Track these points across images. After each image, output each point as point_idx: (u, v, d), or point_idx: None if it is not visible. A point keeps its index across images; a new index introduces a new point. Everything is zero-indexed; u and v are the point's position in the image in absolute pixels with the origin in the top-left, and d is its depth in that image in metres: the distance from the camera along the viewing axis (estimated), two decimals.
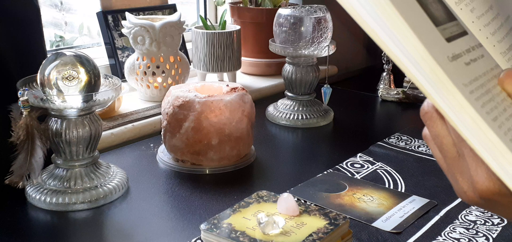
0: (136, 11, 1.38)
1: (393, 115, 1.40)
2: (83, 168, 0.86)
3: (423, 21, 0.36)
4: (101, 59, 1.37)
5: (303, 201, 0.86)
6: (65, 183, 0.85)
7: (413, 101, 1.45)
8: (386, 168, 1.02)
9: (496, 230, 0.79)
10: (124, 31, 1.26)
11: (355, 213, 0.83)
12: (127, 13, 1.27)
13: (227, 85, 1.04)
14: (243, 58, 1.51)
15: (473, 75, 0.37)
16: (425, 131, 0.44)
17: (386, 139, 1.16)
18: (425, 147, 1.12)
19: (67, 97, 0.81)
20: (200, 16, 1.46)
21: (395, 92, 1.46)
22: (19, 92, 0.80)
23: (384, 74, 1.55)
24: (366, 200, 0.88)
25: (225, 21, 1.42)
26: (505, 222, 0.82)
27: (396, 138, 1.17)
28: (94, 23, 1.38)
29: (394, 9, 0.35)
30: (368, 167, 1.02)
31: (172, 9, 1.47)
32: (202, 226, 0.72)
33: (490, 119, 0.36)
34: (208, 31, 1.36)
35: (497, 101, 0.37)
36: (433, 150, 0.44)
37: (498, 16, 0.42)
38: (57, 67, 0.82)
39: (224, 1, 1.58)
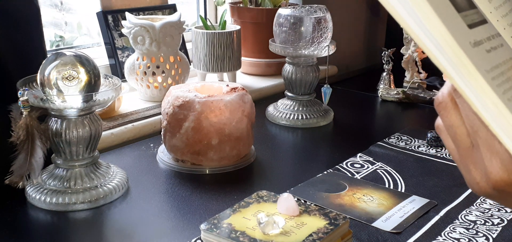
0: (136, 11, 1.38)
1: (393, 115, 1.40)
2: (83, 168, 0.86)
3: (446, 6, 0.37)
4: (101, 59, 1.37)
5: (303, 201, 0.86)
6: (65, 183, 0.85)
7: (413, 101, 1.45)
8: (386, 168, 1.02)
9: (496, 230, 0.79)
10: (124, 31, 1.26)
11: (355, 213, 0.83)
12: (127, 13, 1.27)
13: (227, 85, 1.04)
14: (243, 58, 1.51)
15: (494, 63, 0.38)
16: (439, 121, 0.44)
17: (386, 139, 1.16)
18: (425, 147, 1.12)
19: (67, 97, 0.81)
20: (200, 16, 1.46)
21: (395, 92, 1.46)
22: (19, 92, 0.80)
23: (384, 74, 1.55)
24: (366, 200, 0.88)
25: (225, 21, 1.42)
26: (505, 222, 0.82)
27: (396, 138, 1.17)
28: (94, 23, 1.38)
29: None
30: (368, 167, 1.02)
31: (172, 9, 1.47)
32: (202, 226, 0.72)
33: (511, 106, 0.37)
34: (208, 31, 1.36)
35: None
36: (446, 141, 0.44)
37: None
38: (57, 67, 0.82)
39: (224, 1, 1.58)
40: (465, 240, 0.77)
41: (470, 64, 0.36)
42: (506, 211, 0.85)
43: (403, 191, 0.92)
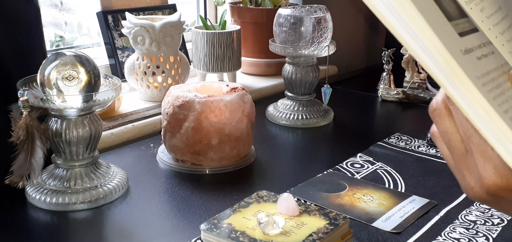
0: (136, 11, 1.38)
1: (393, 115, 1.40)
2: (83, 168, 0.86)
3: (437, 15, 0.38)
4: (101, 59, 1.37)
5: (303, 201, 0.86)
6: (65, 183, 0.85)
7: (413, 101, 1.45)
8: (386, 168, 1.02)
9: (496, 230, 0.79)
10: (124, 31, 1.26)
11: (355, 213, 0.83)
12: (127, 13, 1.27)
13: (227, 85, 1.04)
14: (243, 58, 1.51)
15: (485, 69, 0.38)
16: (433, 128, 0.45)
17: (386, 139, 1.16)
18: (425, 147, 1.12)
19: (67, 97, 0.81)
20: (200, 16, 1.46)
21: (395, 92, 1.46)
22: (19, 92, 0.80)
23: (384, 74, 1.55)
24: (366, 200, 0.88)
25: (225, 21, 1.42)
26: (505, 222, 0.82)
27: (396, 138, 1.17)
28: (94, 23, 1.38)
29: (409, 1, 0.36)
30: (368, 167, 1.02)
31: (172, 9, 1.47)
32: (202, 226, 0.72)
33: (501, 111, 0.37)
34: (208, 31, 1.36)
35: (507, 95, 0.39)
36: (441, 147, 0.45)
37: (506, 16, 0.44)
38: (57, 67, 0.82)
39: (224, 1, 1.58)
40: (465, 240, 0.77)
41: (460, 71, 0.37)
42: None
43: (403, 191, 0.92)
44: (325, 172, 0.99)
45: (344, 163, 1.03)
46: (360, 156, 1.07)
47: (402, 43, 0.38)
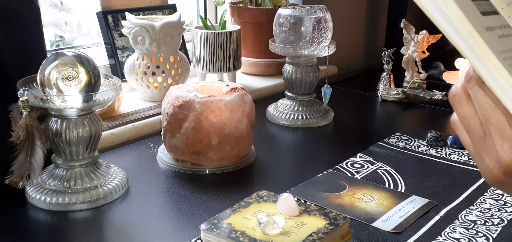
0: (136, 11, 1.38)
1: (393, 115, 1.40)
2: (83, 168, 0.86)
3: None
4: (101, 59, 1.37)
5: (303, 201, 0.86)
6: (65, 183, 0.85)
7: (413, 101, 1.45)
8: (386, 168, 1.02)
9: (496, 230, 0.79)
10: (124, 31, 1.26)
11: (355, 213, 0.83)
12: (127, 13, 1.27)
13: (227, 85, 1.04)
14: (243, 58, 1.51)
15: (506, 47, 0.41)
16: (454, 116, 0.47)
17: (386, 139, 1.16)
18: (425, 147, 1.12)
19: (67, 97, 0.81)
20: (200, 16, 1.46)
21: (395, 92, 1.46)
22: (19, 92, 0.80)
23: (384, 74, 1.55)
24: (366, 200, 0.88)
25: (225, 21, 1.42)
26: (505, 222, 0.82)
27: (396, 138, 1.17)
28: (94, 23, 1.38)
29: None
30: (368, 167, 1.02)
31: (172, 9, 1.47)
32: (202, 226, 0.72)
33: None
34: (208, 31, 1.36)
35: None
36: (461, 134, 0.47)
37: None
38: (57, 67, 0.82)
39: (224, 1, 1.58)
40: (465, 240, 0.77)
41: (483, 44, 0.39)
42: (506, 211, 0.85)
43: (403, 191, 0.92)
44: (325, 172, 0.99)
45: (344, 163, 1.03)
46: (360, 156, 1.07)
47: (429, 17, 0.40)
